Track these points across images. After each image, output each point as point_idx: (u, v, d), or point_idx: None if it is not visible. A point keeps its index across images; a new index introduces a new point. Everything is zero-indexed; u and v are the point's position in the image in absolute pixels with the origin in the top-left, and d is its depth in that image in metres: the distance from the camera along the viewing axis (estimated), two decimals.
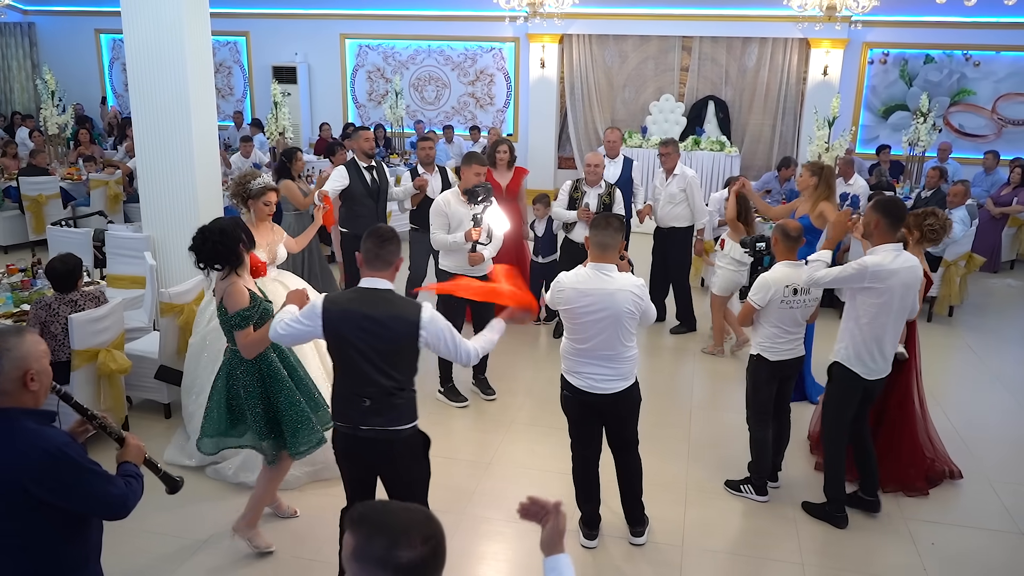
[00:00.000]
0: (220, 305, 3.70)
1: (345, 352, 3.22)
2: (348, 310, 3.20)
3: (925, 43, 12.21)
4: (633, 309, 3.84)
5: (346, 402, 3.29)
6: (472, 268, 5.51)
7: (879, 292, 4.13)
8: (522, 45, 13.41)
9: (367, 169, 6.72)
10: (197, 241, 3.69)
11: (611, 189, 6.73)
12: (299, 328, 3.29)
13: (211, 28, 14.48)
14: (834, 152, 9.31)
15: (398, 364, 3.24)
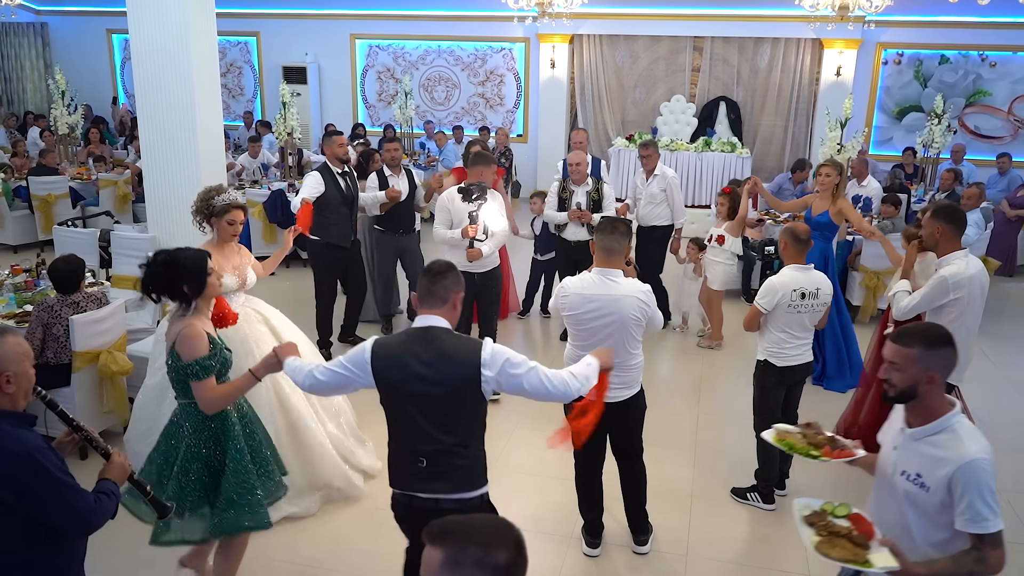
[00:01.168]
0: (172, 351, 3.18)
1: (397, 403, 2.82)
2: (398, 354, 2.78)
3: (940, 43, 12.06)
4: (639, 316, 3.77)
5: (400, 463, 2.87)
6: (471, 264, 5.61)
7: (961, 300, 4.25)
8: (532, 45, 13.35)
9: (341, 175, 6.43)
10: (142, 265, 3.23)
11: (598, 185, 6.70)
12: (343, 376, 2.87)
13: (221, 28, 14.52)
14: (846, 153, 9.19)
15: (459, 416, 2.80)
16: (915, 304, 4.34)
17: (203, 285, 3.21)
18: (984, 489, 2.35)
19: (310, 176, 6.34)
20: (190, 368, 3.12)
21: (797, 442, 3.06)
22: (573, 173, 6.70)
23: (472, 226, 5.57)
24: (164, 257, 3.18)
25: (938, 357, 2.45)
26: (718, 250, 6.85)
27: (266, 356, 3.20)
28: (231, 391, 3.23)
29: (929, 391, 2.47)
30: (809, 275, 4.34)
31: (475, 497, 2.85)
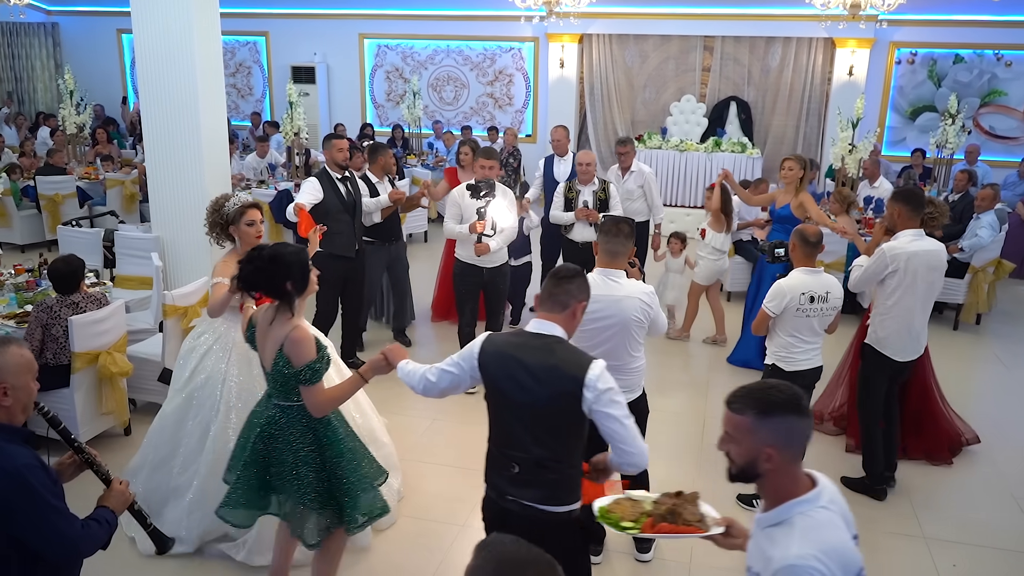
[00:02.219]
0: (280, 355, 3.07)
1: (497, 404, 2.76)
2: (505, 354, 2.70)
3: (955, 43, 11.89)
4: (641, 317, 3.69)
5: (494, 463, 2.81)
6: (480, 259, 5.81)
7: (900, 275, 4.39)
8: (541, 45, 13.26)
9: (341, 181, 6.09)
10: (243, 261, 3.13)
11: (605, 185, 6.64)
12: (454, 374, 2.81)
13: (230, 28, 14.47)
14: (858, 154, 9.07)
15: (555, 431, 2.67)
16: (859, 277, 4.55)
17: (307, 282, 3.17)
18: None
19: (308, 182, 6.01)
20: (302, 373, 3.03)
21: (617, 513, 2.56)
22: (581, 173, 6.66)
23: (480, 222, 5.68)
24: (270, 252, 3.10)
25: (773, 428, 1.93)
26: (701, 244, 6.87)
27: (374, 358, 3.07)
28: (340, 394, 3.13)
29: (771, 470, 1.95)
30: (819, 278, 4.25)
31: (564, 512, 2.73)
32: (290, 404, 3.16)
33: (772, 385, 2.03)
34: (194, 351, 4.21)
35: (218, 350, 4.13)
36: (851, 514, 2.04)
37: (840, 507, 2.00)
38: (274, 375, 3.14)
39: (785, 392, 1.96)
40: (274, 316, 3.14)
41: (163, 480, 4.12)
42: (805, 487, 1.98)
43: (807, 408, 1.97)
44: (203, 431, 4.04)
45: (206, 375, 4.10)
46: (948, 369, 6.86)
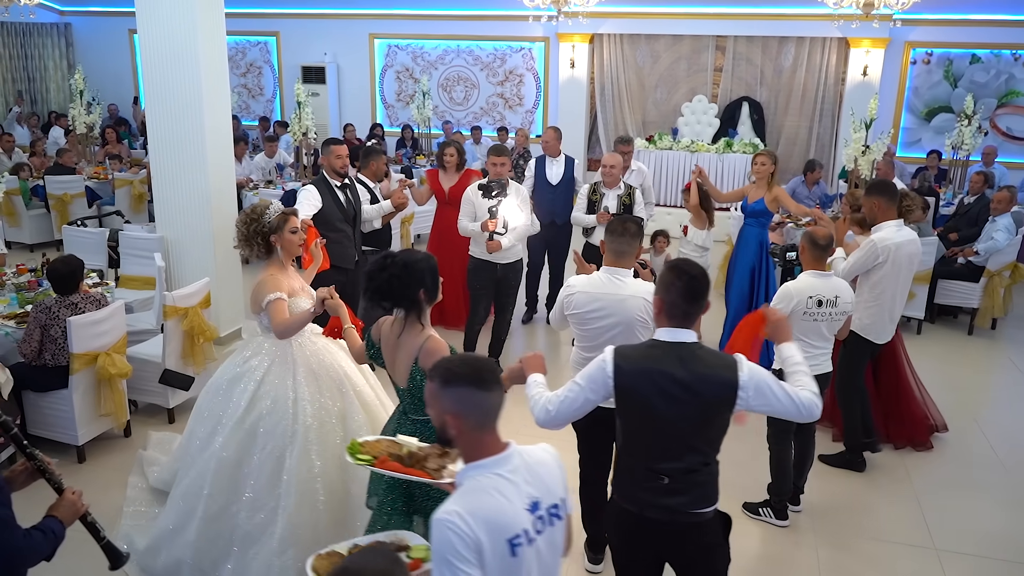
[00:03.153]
0: (416, 368, 2.94)
1: (643, 420, 2.66)
2: (648, 369, 2.60)
3: (971, 42, 11.72)
4: (646, 318, 3.60)
5: (636, 479, 2.71)
6: (493, 255, 5.90)
7: (888, 265, 4.59)
8: (552, 45, 13.19)
9: (340, 188, 5.81)
10: (376, 268, 2.97)
11: (630, 190, 6.54)
12: (579, 399, 2.67)
13: (241, 28, 14.44)
14: (871, 155, 8.93)
15: (709, 434, 2.68)
16: (848, 267, 4.67)
17: (438, 290, 3.03)
18: (440, 554, 1.88)
19: (305, 190, 5.65)
20: None
21: (366, 448, 2.76)
22: (605, 176, 6.56)
23: (492, 220, 5.72)
24: (402, 259, 2.95)
25: (452, 397, 2.00)
26: (683, 241, 6.83)
27: (512, 367, 2.90)
28: None
29: (457, 436, 2.04)
30: (828, 282, 4.15)
31: (710, 511, 2.74)
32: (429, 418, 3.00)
33: (462, 358, 2.14)
34: (245, 378, 3.77)
35: (279, 371, 3.74)
36: (555, 482, 2.13)
37: (530, 476, 2.07)
38: (411, 390, 2.99)
39: (470, 365, 2.05)
40: (403, 328, 3.00)
41: (225, 530, 3.66)
42: (490, 454, 2.05)
43: (492, 382, 2.04)
44: (276, 463, 3.61)
45: (271, 400, 3.67)
46: (962, 374, 6.74)
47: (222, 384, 3.86)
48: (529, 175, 7.33)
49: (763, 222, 6.40)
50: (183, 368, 5.40)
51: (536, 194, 7.08)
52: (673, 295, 2.65)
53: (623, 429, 2.75)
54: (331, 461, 3.63)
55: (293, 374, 3.73)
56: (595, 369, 2.65)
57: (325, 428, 3.66)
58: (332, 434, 3.69)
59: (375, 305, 3.02)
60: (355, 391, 3.84)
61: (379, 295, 2.97)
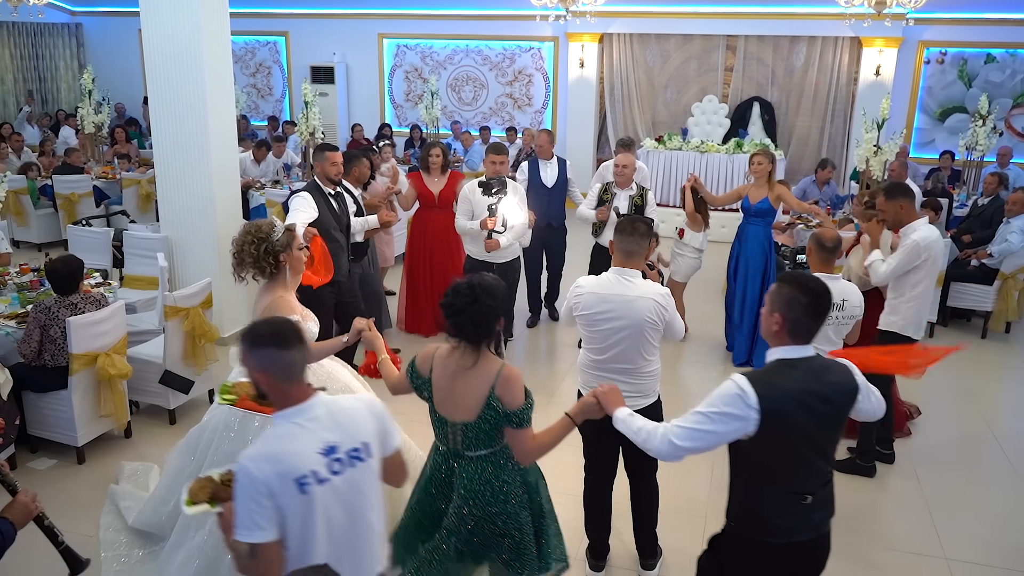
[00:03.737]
0: (492, 397, 2.75)
1: (788, 443, 2.52)
2: (794, 393, 2.48)
3: (986, 42, 11.56)
4: (655, 319, 3.53)
5: (777, 507, 2.57)
6: (490, 254, 5.86)
7: (929, 263, 4.65)
8: (561, 44, 13.11)
9: (334, 197, 5.54)
10: (463, 298, 2.74)
11: (643, 191, 6.45)
12: (718, 434, 2.51)
13: (250, 28, 14.45)
14: (883, 156, 8.81)
15: (836, 442, 2.69)
16: (892, 268, 4.68)
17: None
18: (239, 495, 2.12)
19: (299, 197, 5.32)
20: (515, 416, 2.73)
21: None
22: (618, 176, 6.51)
23: (491, 218, 5.74)
24: (487, 287, 2.75)
25: (259, 356, 2.23)
26: (679, 243, 6.91)
27: (584, 400, 2.80)
28: (552, 439, 2.79)
29: (268, 391, 2.28)
30: (836, 285, 4.06)
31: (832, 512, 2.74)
32: (492, 451, 2.83)
33: (266, 322, 2.36)
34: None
35: None
36: (359, 428, 2.33)
37: (331, 423, 2.27)
38: (479, 423, 2.77)
39: (272, 328, 2.27)
40: (474, 360, 2.77)
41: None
42: (294, 403, 2.27)
43: (292, 341, 2.24)
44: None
45: None
46: (976, 379, 6.62)
47: (231, 423, 3.51)
48: (522, 178, 7.20)
49: (768, 221, 6.48)
50: (185, 369, 5.36)
51: (530, 197, 6.96)
52: (798, 312, 2.51)
53: (758, 458, 2.55)
54: None
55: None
56: (730, 401, 2.46)
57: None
58: None
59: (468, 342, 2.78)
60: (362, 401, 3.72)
61: (472, 328, 2.75)
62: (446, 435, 2.88)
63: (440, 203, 6.75)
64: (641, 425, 2.66)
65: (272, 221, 3.63)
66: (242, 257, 3.50)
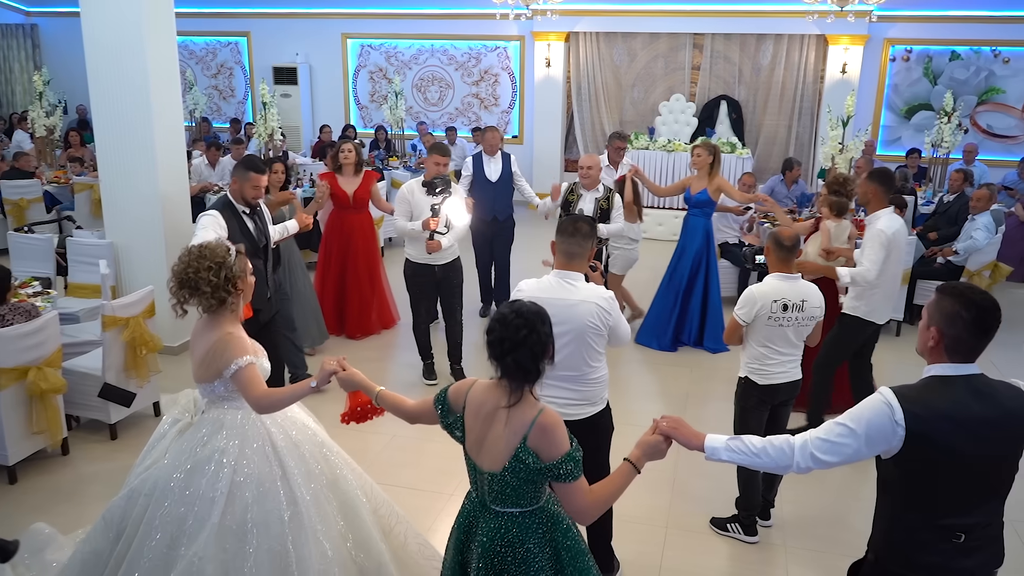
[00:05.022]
0: (523, 449, 2.40)
1: (937, 469, 2.28)
2: (950, 414, 2.24)
3: (951, 39, 11.57)
4: (598, 324, 3.36)
5: (920, 540, 2.33)
6: (431, 256, 5.68)
7: (894, 251, 4.80)
8: (527, 44, 12.97)
9: (249, 216, 4.83)
10: (518, 330, 2.40)
11: (610, 194, 6.31)
12: (857, 452, 2.31)
13: (211, 28, 14.16)
14: (849, 154, 8.74)
15: (1006, 477, 2.34)
16: (870, 268, 4.75)
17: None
18: None
19: (207, 217, 4.62)
20: (557, 470, 2.38)
21: None
22: (583, 177, 6.32)
23: (434, 219, 5.53)
24: (536, 311, 2.46)
25: None
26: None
27: (647, 441, 2.55)
28: (613, 491, 2.48)
29: None
30: (795, 285, 3.92)
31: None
32: (523, 511, 2.48)
33: None
34: (211, 464, 2.99)
35: (255, 448, 3.06)
36: None
37: None
38: (505, 475, 2.43)
39: None
40: (516, 400, 2.42)
41: None
42: None
43: None
44: (277, 561, 2.93)
45: (255, 485, 2.98)
46: None
47: (178, 477, 2.99)
48: (467, 173, 7.21)
49: (707, 212, 6.67)
50: (126, 381, 5.12)
51: (475, 192, 6.92)
52: (959, 329, 2.27)
53: (904, 481, 2.32)
54: (336, 540, 3.09)
55: (273, 447, 3.09)
56: (874, 416, 2.26)
57: (321, 503, 3.09)
58: (328, 507, 3.12)
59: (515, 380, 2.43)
60: (335, 450, 3.30)
61: (532, 365, 2.42)
62: (475, 481, 2.58)
63: (356, 204, 6.62)
64: (762, 446, 2.41)
65: (225, 244, 3.16)
66: (196, 285, 3.00)
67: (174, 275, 3.06)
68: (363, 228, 6.76)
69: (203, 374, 3.08)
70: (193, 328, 3.21)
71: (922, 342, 2.37)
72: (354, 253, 6.74)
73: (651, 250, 8.87)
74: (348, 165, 6.61)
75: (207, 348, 3.05)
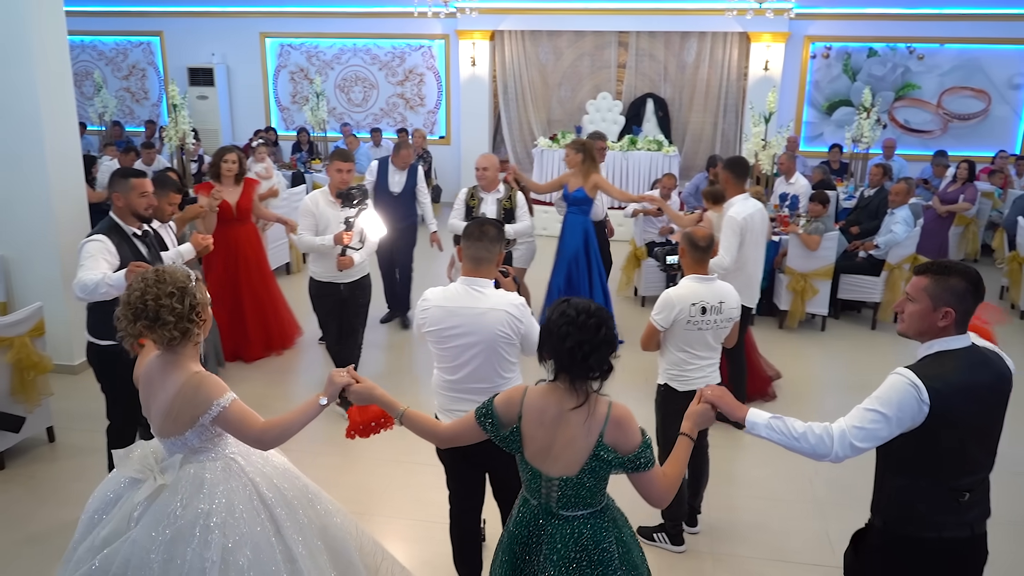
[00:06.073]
0: (601, 445, 2.38)
1: (955, 438, 2.43)
2: (965, 383, 2.40)
3: (868, 36, 11.78)
4: (509, 332, 3.17)
5: (934, 504, 2.48)
6: (341, 273, 5.22)
7: (750, 235, 5.01)
8: (452, 42, 12.74)
9: (140, 238, 4.10)
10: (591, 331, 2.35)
11: (511, 193, 6.13)
12: (888, 434, 2.41)
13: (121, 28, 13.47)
14: (772, 150, 8.78)
15: (999, 435, 2.57)
16: (723, 255, 4.90)
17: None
18: None
19: (92, 243, 3.90)
20: (636, 461, 2.39)
21: None
22: (480, 179, 6.14)
23: (347, 232, 5.06)
24: (596, 307, 2.41)
25: None
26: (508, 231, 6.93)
27: (696, 410, 2.58)
28: (681, 466, 2.51)
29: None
30: (712, 287, 3.81)
31: None
32: (592, 511, 2.48)
33: None
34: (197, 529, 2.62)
35: (243, 505, 2.71)
36: None
37: None
38: (582, 477, 2.41)
39: None
40: (583, 400, 2.38)
41: None
42: None
43: None
44: None
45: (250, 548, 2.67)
46: (868, 370, 6.58)
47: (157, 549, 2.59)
48: (370, 179, 6.89)
49: (585, 209, 6.63)
50: (14, 406, 4.74)
51: (375, 200, 6.52)
52: (969, 303, 2.45)
53: (919, 452, 2.45)
54: None
55: (261, 500, 2.77)
56: (903, 398, 2.37)
57: (315, 555, 2.82)
58: (321, 559, 2.85)
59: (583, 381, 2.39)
60: (317, 493, 3.01)
61: (607, 362, 2.40)
62: (538, 489, 2.49)
63: (240, 215, 6.18)
64: (803, 431, 2.47)
65: (185, 271, 2.73)
66: (157, 314, 2.57)
67: (127, 306, 2.61)
68: (250, 240, 6.35)
69: (172, 427, 2.65)
70: (142, 372, 2.77)
71: (928, 324, 2.46)
72: (246, 268, 6.31)
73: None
74: (229, 176, 6.12)
75: (173, 395, 2.64)
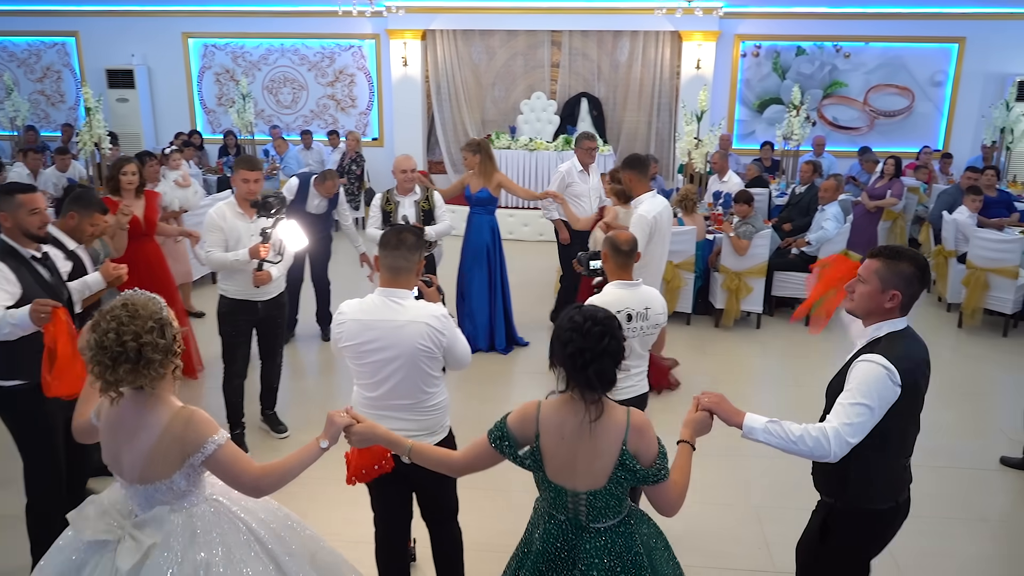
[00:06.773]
0: (625, 455, 2.31)
1: (913, 412, 2.68)
2: (918, 360, 2.63)
3: (796, 35, 11.92)
4: (430, 346, 3.00)
5: (895, 476, 2.74)
6: (257, 290, 4.83)
7: (658, 232, 5.07)
8: (383, 42, 12.48)
9: (40, 261, 3.63)
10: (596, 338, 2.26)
11: (428, 194, 5.95)
12: (874, 420, 2.54)
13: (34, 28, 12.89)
14: (704, 148, 8.78)
15: None
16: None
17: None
18: None
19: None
20: (656, 473, 2.35)
21: None
22: (407, 181, 5.95)
23: (264, 245, 4.64)
24: (605, 314, 2.33)
25: None
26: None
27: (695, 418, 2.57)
28: (687, 475, 2.47)
29: None
30: (636, 292, 3.68)
31: None
32: (620, 519, 2.44)
33: None
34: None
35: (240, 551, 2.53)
36: None
37: None
38: (613, 486, 2.35)
39: None
40: (600, 411, 2.31)
41: None
42: None
43: None
44: None
45: None
46: (803, 365, 6.60)
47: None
48: (289, 196, 6.30)
49: (490, 209, 6.72)
50: None
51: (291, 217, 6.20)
52: (916, 287, 2.62)
53: (890, 432, 2.60)
54: None
55: (256, 540, 2.60)
56: (881, 385, 2.50)
57: None
58: None
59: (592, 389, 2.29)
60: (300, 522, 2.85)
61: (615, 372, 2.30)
62: (564, 504, 2.42)
63: (148, 229, 5.75)
64: (800, 434, 2.50)
65: (154, 296, 2.46)
66: (141, 354, 2.30)
67: (102, 350, 2.29)
68: (158, 258, 5.89)
69: (156, 470, 2.39)
70: (104, 419, 2.48)
71: (875, 304, 2.63)
72: (161, 286, 5.55)
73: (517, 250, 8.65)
74: (130, 188, 5.62)
75: (159, 434, 2.38)
